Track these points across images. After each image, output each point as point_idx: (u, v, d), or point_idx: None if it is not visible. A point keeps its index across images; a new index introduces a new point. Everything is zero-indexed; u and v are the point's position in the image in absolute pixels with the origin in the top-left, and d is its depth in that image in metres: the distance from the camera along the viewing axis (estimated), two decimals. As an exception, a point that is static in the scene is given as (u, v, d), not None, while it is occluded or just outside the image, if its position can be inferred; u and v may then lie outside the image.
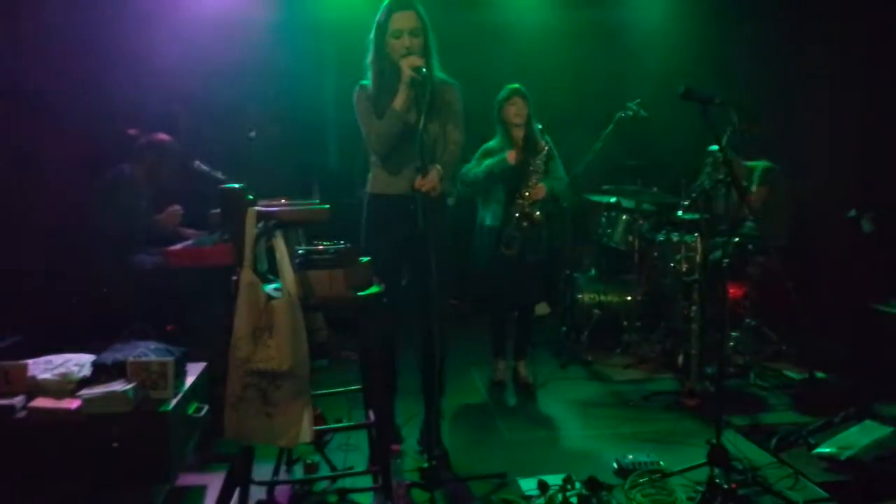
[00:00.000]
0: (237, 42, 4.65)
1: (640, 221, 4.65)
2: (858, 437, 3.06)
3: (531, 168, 3.81)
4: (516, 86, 3.91)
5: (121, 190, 3.81)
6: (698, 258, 3.88)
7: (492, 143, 3.95)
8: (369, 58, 2.90)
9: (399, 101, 2.79)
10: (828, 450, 3.00)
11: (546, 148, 3.84)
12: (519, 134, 3.92)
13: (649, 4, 5.63)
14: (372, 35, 2.87)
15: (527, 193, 3.80)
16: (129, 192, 3.83)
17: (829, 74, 4.82)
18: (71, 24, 4.06)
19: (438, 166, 2.82)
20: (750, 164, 4.46)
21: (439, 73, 2.93)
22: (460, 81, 3.05)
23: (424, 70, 2.71)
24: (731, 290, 4.19)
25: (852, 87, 4.60)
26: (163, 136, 3.96)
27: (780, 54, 5.34)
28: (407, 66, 2.72)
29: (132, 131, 3.95)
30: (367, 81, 2.93)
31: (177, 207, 3.94)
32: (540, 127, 3.91)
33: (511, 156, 3.76)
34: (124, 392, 2.40)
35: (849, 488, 2.80)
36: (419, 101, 2.73)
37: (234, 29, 4.66)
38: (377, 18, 2.85)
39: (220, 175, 3.74)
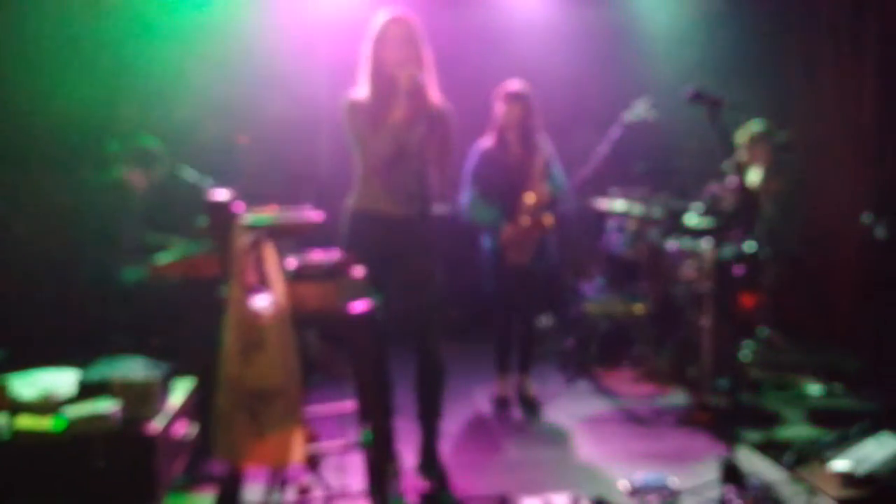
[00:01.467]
0: (228, 49, 4.69)
1: (649, 228, 4.66)
2: (875, 450, 3.05)
3: (533, 175, 3.84)
4: (517, 85, 3.94)
5: (105, 199, 3.83)
6: (709, 267, 3.89)
7: (486, 143, 3.99)
8: (363, 71, 2.93)
9: (397, 114, 2.81)
10: (844, 464, 2.99)
11: (543, 152, 3.87)
12: (512, 135, 3.95)
13: (658, 5, 5.66)
14: (367, 48, 2.90)
15: (530, 202, 3.84)
16: (113, 202, 3.84)
17: (841, 76, 4.84)
18: (58, 29, 4.10)
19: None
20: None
21: (434, 94, 2.94)
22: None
23: (418, 79, 2.74)
24: (744, 300, 4.19)
25: (866, 89, 4.61)
26: (146, 144, 3.97)
27: (790, 56, 5.36)
28: (404, 75, 2.75)
29: (115, 147, 3.96)
30: (357, 95, 2.94)
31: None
32: (537, 125, 3.94)
33: (506, 234, 3.88)
34: (109, 412, 2.41)
35: (866, 504, 2.80)
36: (416, 112, 2.76)
37: (225, 35, 4.70)
38: (372, 32, 2.89)
39: (208, 183, 3.76)
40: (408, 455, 3.28)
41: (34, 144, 4.05)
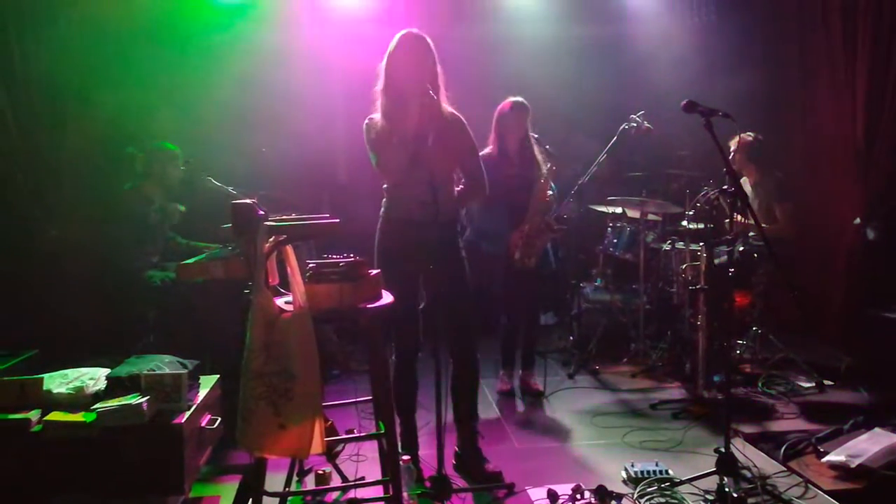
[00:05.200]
0: (248, 59, 4.70)
1: (646, 231, 4.64)
2: (868, 444, 3.02)
3: (540, 178, 3.82)
4: (518, 99, 3.93)
5: (132, 207, 3.84)
6: (703, 267, 3.87)
7: (486, 152, 3.96)
8: (379, 86, 2.92)
9: (410, 127, 2.82)
10: (837, 458, 2.96)
11: (549, 165, 3.88)
12: (514, 145, 3.93)
13: (653, 18, 5.64)
14: (381, 64, 2.90)
15: (539, 205, 3.83)
16: (139, 208, 3.85)
17: (833, 81, 4.80)
18: (86, 39, 4.11)
19: None
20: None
21: (447, 107, 2.94)
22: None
23: (432, 92, 2.73)
24: (738, 299, 4.17)
25: (857, 94, 4.58)
26: (161, 144, 3.97)
27: (782, 63, 5.33)
28: (419, 91, 2.74)
29: (131, 150, 3.98)
30: (374, 115, 2.94)
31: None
32: (536, 136, 3.93)
33: (514, 239, 3.89)
34: (139, 405, 2.40)
35: (859, 496, 2.76)
36: (428, 128, 2.75)
37: (245, 46, 4.71)
38: (389, 49, 2.88)
39: (231, 190, 3.76)
40: (427, 444, 3.26)
41: (68, 154, 4.05)
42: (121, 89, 4.15)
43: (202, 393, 2.72)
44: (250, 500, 2.39)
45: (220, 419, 2.79)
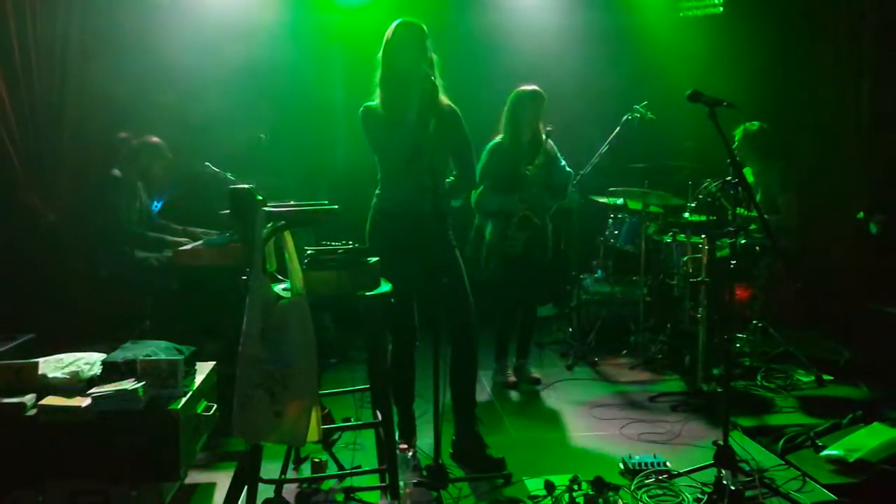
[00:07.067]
0: (248, 46, 4.67)
1: (647, 223, 4.62)
2: (866, 439, 3.03)
3: (528, 173, 3.80)
4: (535, 87, 3.87)
5: (116, 194, 3.84)
6: (705, 259, 3.86)
7: (498, 141, 3.92)
8: (378, 76, 2.90)
9: (411, 114, 2.79)
10: (836, 452, 2.96)
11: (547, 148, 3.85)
12: (527, 134, 3.90)
13: (658, 8, 5.61)
14: (381, 53, 2.88)
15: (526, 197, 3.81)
16: (122, 196, 3.85)
17: (837, 75, 4.78)
18: (85, 27, 4.08)
19: None
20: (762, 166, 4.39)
21: (445, 98, 2.91)
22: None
23: (434, 78, 2.70)
24: (739, 292, 4.16)
25: (861, 87, 4.56)
26: (153, 139, 4.00)
27: (788, 56, 5.30)
28: (420, 79, 2.70)
29: (123, 134, 3.98)
30: (373, 103, 2.92)
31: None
32: (550, 128, 3.89)
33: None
34: (134, 390, 2.40)
35: (857, 490, 2.76)
36: (429, 114, 2.72)
37: (245, 33, 4.68)
38: (386, 37, 2.86)
39: (229, 176, 3.75)
40: (425, 434, 3.25)
41: (72, 139, 4.05)
42: (119, 75, 4.13)
43: (198, 379, 2.71)
44: (246, 487, 2.39)
45: (216, 406, 2.79)
